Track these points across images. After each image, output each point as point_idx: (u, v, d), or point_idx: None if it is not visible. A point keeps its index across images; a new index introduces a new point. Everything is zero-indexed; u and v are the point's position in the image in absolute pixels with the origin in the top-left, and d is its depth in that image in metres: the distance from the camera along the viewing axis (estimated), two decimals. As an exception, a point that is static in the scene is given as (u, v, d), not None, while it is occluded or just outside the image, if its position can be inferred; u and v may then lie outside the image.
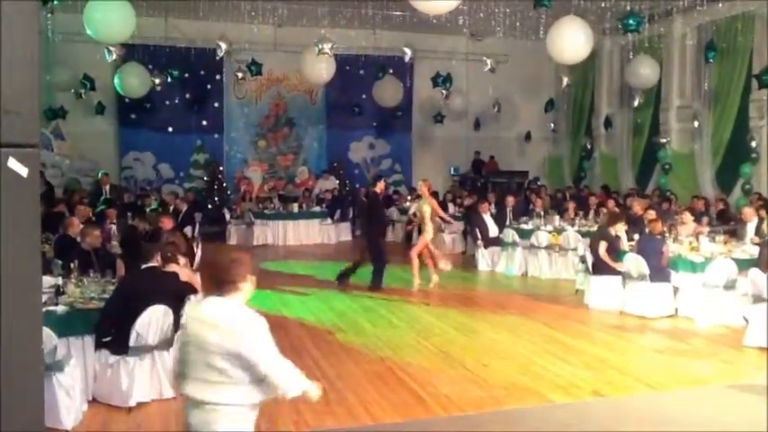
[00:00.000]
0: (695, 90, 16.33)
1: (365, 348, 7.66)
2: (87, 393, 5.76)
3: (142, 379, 5.81)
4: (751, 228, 10.59)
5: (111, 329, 5.81)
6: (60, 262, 7.29)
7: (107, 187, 15.15)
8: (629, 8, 13.34)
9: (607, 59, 19.23)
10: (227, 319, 3.29)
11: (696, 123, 16.08)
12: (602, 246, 9.64)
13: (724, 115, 15.39)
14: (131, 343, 5.77)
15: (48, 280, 6.33)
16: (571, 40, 11.88)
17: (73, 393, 5.25)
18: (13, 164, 2.43)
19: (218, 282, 3.36)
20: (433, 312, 9.60)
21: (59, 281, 6.38)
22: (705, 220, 12.18)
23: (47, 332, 4.88)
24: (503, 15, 15.22)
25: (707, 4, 14.33)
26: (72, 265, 6.83)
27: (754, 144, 14.35)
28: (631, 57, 15.86)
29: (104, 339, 5.80)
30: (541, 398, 6.09)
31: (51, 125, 16.99)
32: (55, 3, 10.64)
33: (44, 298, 5.63)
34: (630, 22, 12.67)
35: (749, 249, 9.45)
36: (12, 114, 2.42)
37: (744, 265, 8.68)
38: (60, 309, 5.84)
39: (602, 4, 14.13)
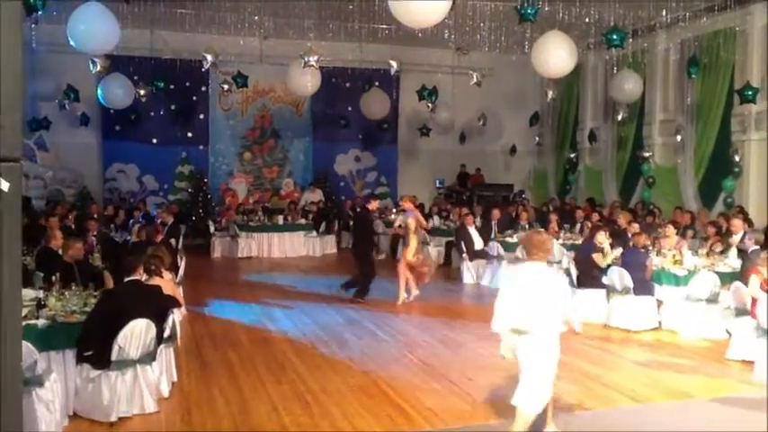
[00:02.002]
0: (678, 104, 16.49)
1: (349, 362, 7.63)
2: (68, 408, 5.68)
3: (124, 393, 5.74)
4: (736, 240, 10.66)
5: (93, 343, 5.74)
6: (42, 274, 7.21)
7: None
8: (612, 23, 13.47)
9: (591, 74, 19.40)
10: (544, 273, 5.23)
11: (679, 137, 16.21)
12: (597, 258, 9.72)
13: (707, 129, 15.54)
14: (113, 357, 5.71)
15: (28, 293, 6.26)
16: (555, 55, 11.97)
17: (53, 408, 5.18)
18: (-6, 178, 2.41)
19: (532, 251, 5.20)
20: (418, 325, 9.59)
21: (41, 294, 6.30)
22: (690, 233, 12.24)
23: (27, 346, 4.81)
24: (488, 30, 15.33)
25: (689, 19, 14.52)
26: (53, 277, 6.75)
27: (737, 158, 14.50)
28: (615, 71, 16.01)
29: (86, 353, 5.73)
30: (526, 411, 6.08)
31: (35, 136, 16.88)
32: (39, 13, 10.56)
33: (25, 311, 5.56)
34: (614, 37, 12.78)
35: (731, 263, 9.53)
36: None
37: (726, 278, 8.77)
38: (41, 322, 5.77)
39: (587, 20, 14.26)
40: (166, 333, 6.36)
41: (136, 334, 5.78)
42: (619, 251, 9.90)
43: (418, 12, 8.97)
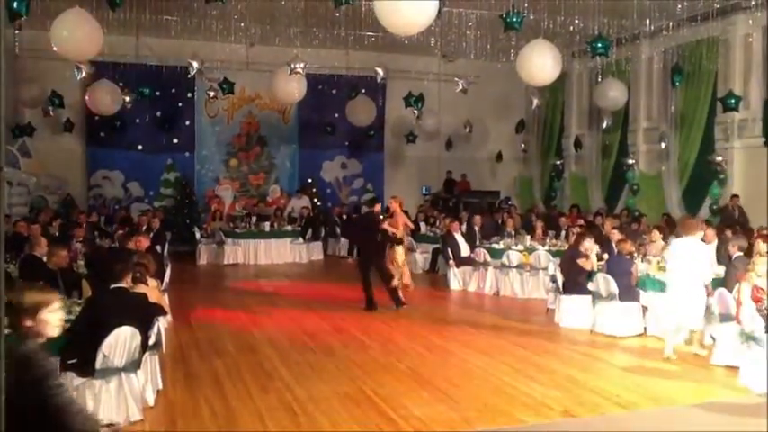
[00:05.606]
0: (662, 112, 16.65)
1: (336, 369, 7.60)
2: (51, 417, 5.61)
3: (108, 402, 5.68)
4: (711, 249, 10.68)
5: (77, 351, 5.68)
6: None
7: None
8: (597, 32, 13.57)
9: (576, 82, 19.54)
10: (697, 243, 8.11)
11: (663, 145, 16.36)
12: (582, 262, 9.77)
13: (690, 137, 15.69)
14: (98, 365, 5.65)
15: (12, 301, 6.18)
16: (540, 63, 12.01)
17: (36, 417, 5.12)
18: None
19: (690, 231, 8.11)
20: (405, 332, 9.58)
21: (24, 302, 6.22)
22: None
23: (10, 355, 4.75)
24: (474, 38, 15.40)
25: (672, 29, 14.66)
26: (37, 285, 6.67)
27: (720, 160, 14.58)
28: (600, 79, 16.13)
29: (70, 361, 5.66)
30: (512, 418, 6.09)
31: (18, 142, 16.75)
32: (23, 19, 10.48)
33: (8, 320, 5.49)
34: (599, 45, 12.86)
35: (715, 269, 9.57)
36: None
37: (711, 284, 8.79)
38: (24, 330, 5.70)
39: (571, 28, 14.36)
40: (151, 341, 6.30)
41: (120, 342, 5.73)
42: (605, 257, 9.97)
43: (404, 18, 8.98)
